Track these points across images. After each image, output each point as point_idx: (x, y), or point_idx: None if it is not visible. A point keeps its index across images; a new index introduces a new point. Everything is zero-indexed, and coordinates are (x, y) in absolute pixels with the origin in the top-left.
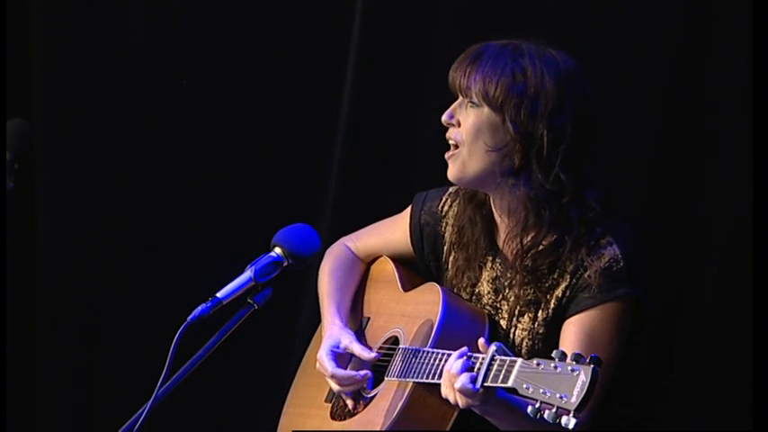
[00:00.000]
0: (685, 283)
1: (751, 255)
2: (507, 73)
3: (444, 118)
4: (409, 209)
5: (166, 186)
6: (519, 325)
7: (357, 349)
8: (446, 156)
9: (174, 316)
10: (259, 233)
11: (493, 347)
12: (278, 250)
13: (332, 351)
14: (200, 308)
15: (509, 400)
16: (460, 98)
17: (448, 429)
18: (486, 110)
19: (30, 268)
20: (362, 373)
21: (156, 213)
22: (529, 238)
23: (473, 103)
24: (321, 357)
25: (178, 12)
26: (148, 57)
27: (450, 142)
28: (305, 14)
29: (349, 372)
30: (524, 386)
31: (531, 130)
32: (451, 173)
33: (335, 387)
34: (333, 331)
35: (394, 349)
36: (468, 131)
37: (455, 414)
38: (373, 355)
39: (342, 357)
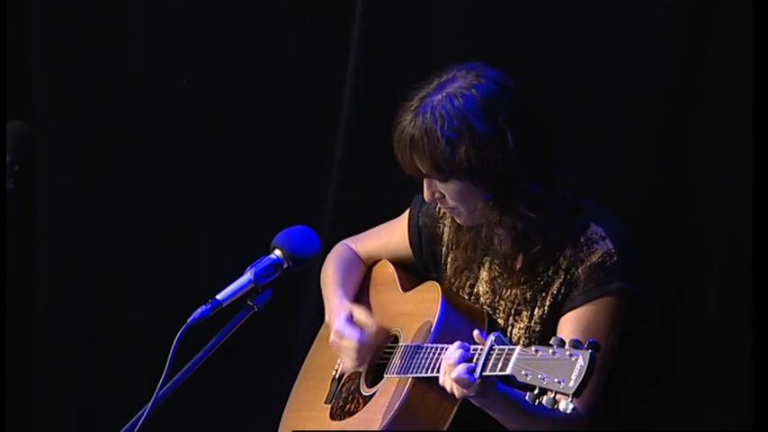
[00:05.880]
0: (685, 283)
1: (751, 255)
2: (443, 145)
3: (428, 198)
4: (408, 211)
5: (166, 187)
6: (516, 324)
7: (363, 317)
8: (447, 212)
9: (174, 318)
10: (259, 235)
11: (492, 337)
12: (278, 252)
13: (348, 322)
14: (199, 310)
15: (508, 393)
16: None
17: (447, 426)
18: (451, 182)
19: (30, 269)
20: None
21: (156, 214)
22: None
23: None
24: (340, 330)
25: (178, 12)
26: (148, 57)
27: (447, 211)
28: (305, 14)
29: (379, 327)
30: (523, 372)
31: (495, 176)
32: (463, 223)
33: (360, 355)
34: (343, 308)
35: (394, 347)
36: (453, 199)
37: (454, 410)
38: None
39: None
